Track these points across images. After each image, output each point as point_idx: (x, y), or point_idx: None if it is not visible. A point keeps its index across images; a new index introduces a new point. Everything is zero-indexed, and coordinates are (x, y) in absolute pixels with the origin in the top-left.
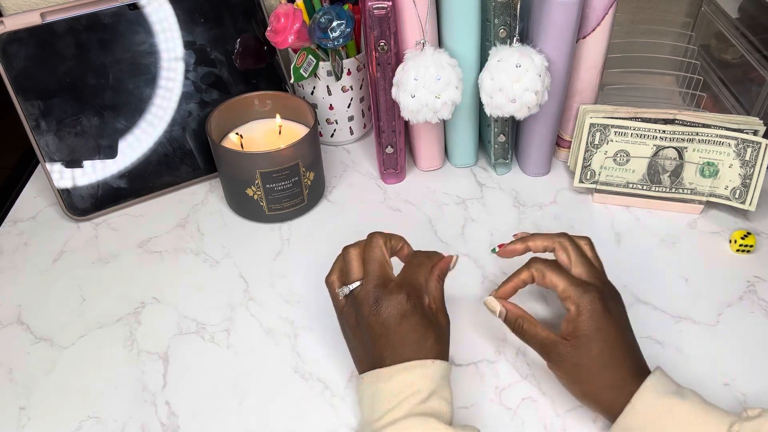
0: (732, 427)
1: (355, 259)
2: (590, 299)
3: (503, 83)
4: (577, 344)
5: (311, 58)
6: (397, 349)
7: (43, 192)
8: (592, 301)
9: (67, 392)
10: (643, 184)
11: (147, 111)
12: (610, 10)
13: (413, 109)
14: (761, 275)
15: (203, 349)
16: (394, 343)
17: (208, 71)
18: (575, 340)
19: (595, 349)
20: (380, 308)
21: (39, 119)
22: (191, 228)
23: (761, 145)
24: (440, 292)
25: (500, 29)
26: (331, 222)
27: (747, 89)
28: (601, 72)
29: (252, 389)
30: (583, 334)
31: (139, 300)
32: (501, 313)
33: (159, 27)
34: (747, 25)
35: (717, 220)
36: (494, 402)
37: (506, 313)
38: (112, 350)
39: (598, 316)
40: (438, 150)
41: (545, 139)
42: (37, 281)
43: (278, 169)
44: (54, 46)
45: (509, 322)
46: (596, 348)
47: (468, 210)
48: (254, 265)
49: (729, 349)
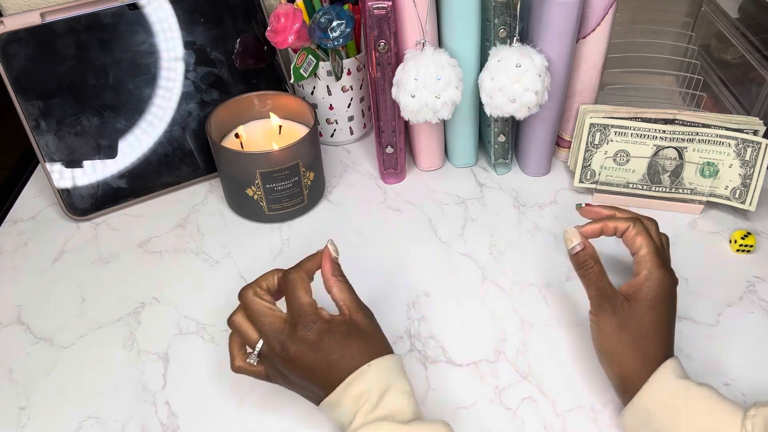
0: (748, 412)
1: (243, 323)
2: (664, 273)
3: (503, 83)
4: (635, 304)
5: (311, 58)
6: (329, 374)
7: (43, 192)
8: (665, 276)
9: (67, 392)
10: (643, 184)
11: (147, 111)
12: (610, 10)
13: (413, 109)
14: (761, 275)
15: (203, 349)
16: (323, 372)
17: (208, 71)
18: (635, 301)
19: (647, 315)
20: (290, 353)
21: (39, 119)
22: (191, 228)
23: (761, 145)
24: (344, 292)
25: (500, 29)
26: (331, 222)
27: (747, 89)
28: (601, 72)
29: (252, 389)
30: (645, 298)
31: (139, 300)
32: (576, 247)
33: (159, 27)
34: (747, 25)
35: (717, 220)
36: (494, 402)
37: (581, 249)
38: (112, 350)
39: (663, 291)
40: (438, 150)
41: (545, 139)
42: (37, 281)
43: (278, 169)
44: (54, 46)
45: (579, 258)
46: (649, 316)
47: (468, 210)
48: (254, 265)
49: (729, 349)
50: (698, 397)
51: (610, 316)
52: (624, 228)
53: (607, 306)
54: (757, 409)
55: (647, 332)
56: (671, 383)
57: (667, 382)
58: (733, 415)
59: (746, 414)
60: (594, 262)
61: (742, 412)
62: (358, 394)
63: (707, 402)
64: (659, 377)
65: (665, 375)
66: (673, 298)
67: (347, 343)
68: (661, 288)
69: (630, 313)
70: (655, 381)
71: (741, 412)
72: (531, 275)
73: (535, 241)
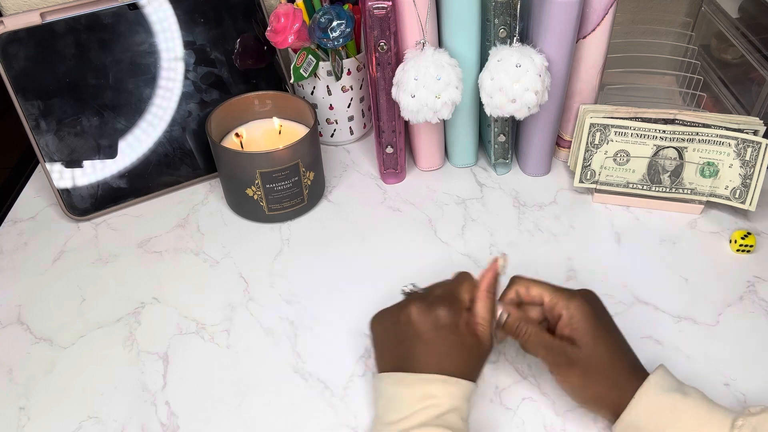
0: (736, 422)
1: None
2: (578, 303)
3: (503, 83)
4: (582, 345)
5: (311, 58)
6: (420, 357)
7: (43, 192)
8: (581, 304)
9: (67, 392)
10: (643, 184)
11: (147, 111)
12: (610, 10)
13: (413, 109)
14: (761, 275)
15: (203, 349)
16: (419, 352)
17: (208, 71)
18: (580, 342)
19: (600, 348)
20: (411, 315)
21: (39, 119)
22: (191, 228)
23: (761, 145)
24: (488, 311)
25: (500, 29)
26: (331, 222)
27: (747, 89)
28: (601, 72)
29: (252, 389)
30: (584, 335)
31: (139, 300)
32: (501, 317)
33: (159, 27)
34: (747, 25)
35: (717, 220)
36: (494, 402)
37: (507, 316)
38: (112, 350)
39: (590, 318)
40: (438, 150)
41: (545, 139)
42: (37, 281)
43: (278, 169)
44: (54, 46)
45: (509, 327)
46: (601, 347)
47: (468, 210)
48: (254, 265)
49: (729, 349)
50: (685, 409)
51: (570, 369)
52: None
53: (562, 360)
54: (745, 418)
55: (611, 362)
56: (657, 398)
57: (653, 397)
58: (721, 425)
59: (734, 424)
60: (526, 325)
61: (731, 420)
62: (431, 394)
63: (695, 412)
64: (645, 393)
65: (650, 390)
66: (601, 314)
67: (459, 350)
68: (587, 316)
69: (585, 355)
70: (641, 397)
71: (729, 420)
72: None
73: (535, 241)
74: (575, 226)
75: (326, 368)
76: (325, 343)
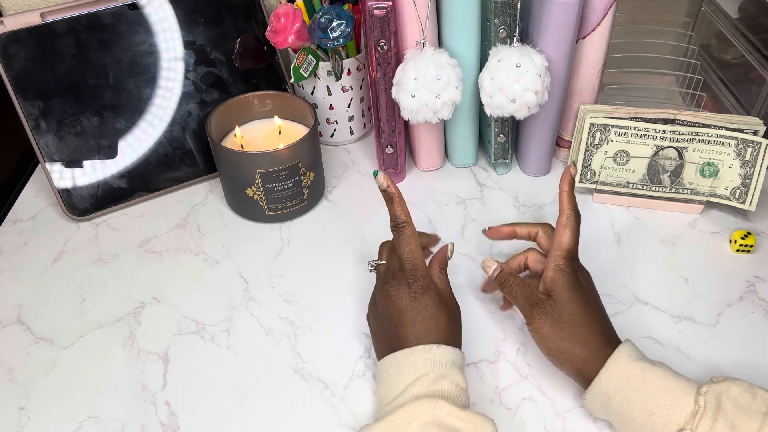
0: (701, 389)
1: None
2: (572, 267)
3: (503, 83)
4: (558, 299)
5: (311, 58)
6: (406, 332)
7: (43, 192)
8: (571, 269)
9: (67, 392)
10: (643, 184)
11: (147, 111)
12: (610, 10)
13: (413, 109)
14: (761, 275)
15: (203, 349)
16: (405, 324)
17: (208, 71)
18: (557, 296)
19: (572, 306)
20: (388, 289)
21: (39, 119)
22: (191, 228)
23: (761, 145)
24: (446, 282)
25: (500, 29)
26: (331, 222)
27: (747, 89)
28: (601, 72)
29: (252, 389)
30: (560, 293)
31: (139, 300)
32: (495, 271)
33: (159, 27)
34: (747, 25)
35: (717, 220)
36: (494, 402)
37: (500, 270)
38: (112, 350)
39: (571, 282)
40: (438, 150)
41: (545, 139)
42: (37, 281)
43: (278, 169)
44: (54, 46)
45: (500, 279)
46: (573, 305)
47: (468, 210)
48: (254, 265)
49: (729, 349)
50: (653, 377)
51: (543, 320)
52: (535, 233)
53: (538, 311)
54: (710, 386)
55: (581, 321)
56: (627, 366)
57: (622, 366)
58: (687, 392)
59: (699, 390)
60: (513, 278)
61: (696, 388)
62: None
63: (663, 381)
64: (615, 361)
65: (620, 358)
66: (583, 284)
67: (439, 313)
68: (569, 280)
69: (558, 309)
70: (611, 365)
71: (695, 388)
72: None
73: None
74: None
75: (326, 368)
76: (325, 343)
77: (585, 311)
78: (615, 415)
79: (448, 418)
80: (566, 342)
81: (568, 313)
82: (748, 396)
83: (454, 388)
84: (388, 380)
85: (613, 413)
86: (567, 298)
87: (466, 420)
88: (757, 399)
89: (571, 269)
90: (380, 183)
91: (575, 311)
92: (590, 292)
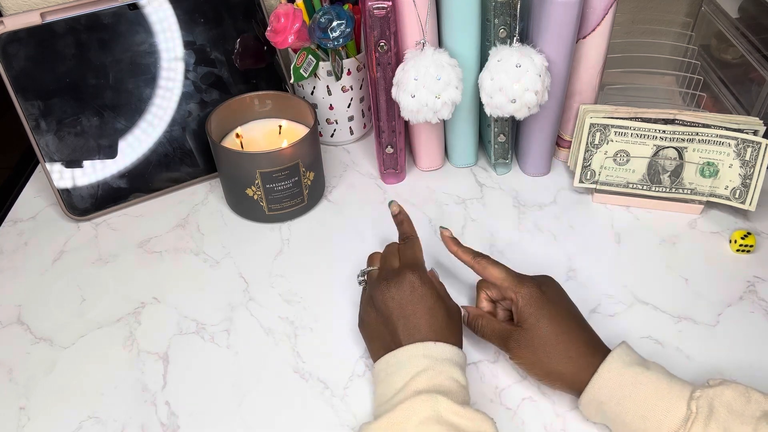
0: (694, 393)
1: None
2: (528, 287)
3: (503, 83)
4: (527, 327)
5: (311, 58)
6: (410, 323)
7: (43, 192)
8: (529, 288)
9: (67, 392)
10: (643, 184)
11: (147, 111)
12: (610, 10)
13: (413, 109)
14: (761, 275)
15: (203, 349)
16: (407, 317)
17: (208, 71)
18: (525, 324)
19: (542, 327)
20: (390, 284)
21: (39, 119)
22: (191, 228)
23: (761, 145)
24: (444, 289)
25: (500, 29)
26: (331, 222)
27: (747, 89)
28: (601, 72)
29: (252, 389)
30: (529, 317)
31: (139, 300)
32: (464, 316)
33: (159, 27)
34: (747, 25)
35: (717, 220)
36: (494, 402)
37: (468, 315)
38: (112, 350)
39: (537, 300)
40: (438, 150)
41: (545, 139)
42: (37, 281)
43: (278, 169)
44: (54, 46)
45: (470, 323)
46: (543, 326)
47: (468, 210)
48: (254, 265)
49: (729, 349)
50: (646, 381)
51: (519, 350)
52: (471, 263)
53: (512, 343)
54: (703, 390)
55: (558, 339)
56: (619, 371)
57: (614, 372)
58: (680, 396)
59: (692, 395)
60: (481, 319)
61: (689, 392)
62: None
63: (656, 386)
64: (607, 367)
65: (613, 364)
66: (550, 296)
67: (438, 306)
68: (534, 299)
69: (529, 334)
70: (603, 371)
71: (688, 392)
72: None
73: (535, 241)
74: (575, 226)
75: (326, 368)
76: (325, 343)
77: (559, 328)
78: (610, 420)
79: (447, 414)
80: (550, 363)
81: (540, 336)
82: (741, 400)
83: (453, 384)
84: (386, 378)
85: (608, 418)
86: (535, 322)
87: (465, 417)
88: (751, 403)
89: (528, 290)
90: (394, 211)
91: (549, 332)
92: (561, 306)
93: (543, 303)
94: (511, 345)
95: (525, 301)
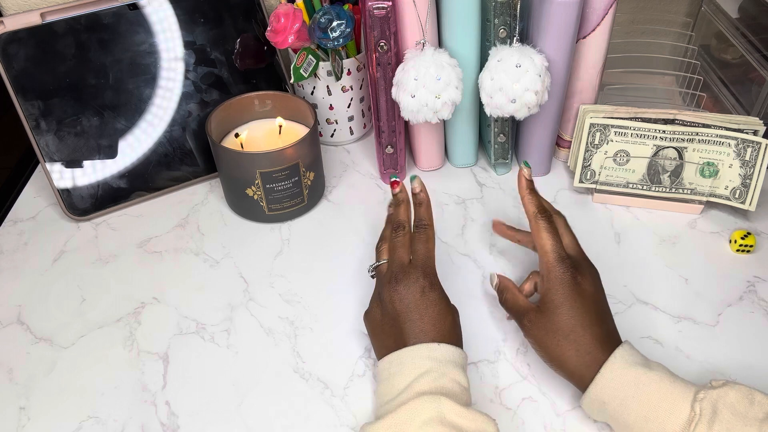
0: (697, 395)
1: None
2: (562, 269)
3: (503, 83)
4: (544, 310)
5: (311, 58)
6: (416, 326)
7: (43, 192)
8: (563, 272)
9: (67, 392)
10: (643, 184)
11: (147, 111)
12: (610, 10)
13: (413, 109)
14: (761, 275)
15: (203, 349)
16: (413, 321)
17: (208, 71)
18: (544, 306)
19: (559, 315)
20: (399, 285)
21: (39, 119)
22: (191, 228)
23: (761, 145)
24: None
25: (500, 29)
26: (331, 222)
27: (747, 89)
28: (601, 72)
29: (252, 389)
30: (550, 300)
31: (139, 300)
32: (495, 284)
33: (159, 27)
34: (747, 25)
35: (717, 220)
36: (494, 402)
37: (499, 283)
38: (112, 350)
39: (564, 287)
40: (438, 150)
41: (545, 139)
42: (37, 281)
43: (278, 169)
44: (54, 46)
45: (498, 291)
46: (561, 315)
47: (468, 210)
48: (254, 265)
49: (729, 349)
50: (649, 382)
51: (532, 330)
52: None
53: (525, 321)
54: (707, 391)
55: (570, 329)
56: (621, 372)
57: (617, 372)
58: (683, 398)
59: (696, 396)
60: (507, 291)
61: (693, 393)
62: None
63: (658, 386)
64: (609, 367)
65: (615, 364)
66: (583, 285)
67: (446, 311)
68: (563, 284)
69: (544, 318)
70: (606, 371)
71: (691, 393)
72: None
73: None
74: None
75: (326, 368)
76: (325, 343)
77: (575, 320)
78: (612, 420)
79: (450, 415)
80: (560, 348)
81: (555, 323)
82: (745, 402)
83: (456, 386)
84: (389, 378)
85: (611, 418)
86: (554, 309)
87: (468, 418)
88: (754, 405)
89: (561, 273)
90: (415, 188)
91: (564, 322)
92: (590, 295)
93: (569, 292)
94: (525, 323)
95: (551, 284)
